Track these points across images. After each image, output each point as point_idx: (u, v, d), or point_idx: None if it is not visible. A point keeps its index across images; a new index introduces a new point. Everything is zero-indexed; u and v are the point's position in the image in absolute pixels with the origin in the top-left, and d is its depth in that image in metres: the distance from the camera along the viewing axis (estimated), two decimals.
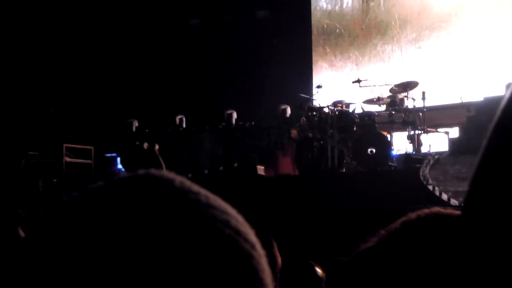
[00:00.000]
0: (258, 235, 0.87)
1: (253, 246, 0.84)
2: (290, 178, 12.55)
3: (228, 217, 0.84)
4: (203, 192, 0.86)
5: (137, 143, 3.08)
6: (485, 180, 0.88)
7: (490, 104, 12.10)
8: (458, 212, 1.21)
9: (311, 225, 10.19)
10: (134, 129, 15.01)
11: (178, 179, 0.86)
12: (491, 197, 0.85)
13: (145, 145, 3.06)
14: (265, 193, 11.52)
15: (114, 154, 14.14)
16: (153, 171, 0.86)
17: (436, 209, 1.26)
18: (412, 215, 1.25)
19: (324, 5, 17.99)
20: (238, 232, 0.83)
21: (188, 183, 0.86)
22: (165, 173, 0.87)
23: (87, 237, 0.78)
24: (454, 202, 10.32)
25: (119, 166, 13.62)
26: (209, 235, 0.80)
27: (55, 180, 13.13)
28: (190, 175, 13.50)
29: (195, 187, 0.86)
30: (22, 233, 3.57)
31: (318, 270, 4.10)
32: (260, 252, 0.85)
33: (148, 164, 2.88)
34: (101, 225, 0.78)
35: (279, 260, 3.40)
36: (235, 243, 0.82)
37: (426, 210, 1.26)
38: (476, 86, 14.57)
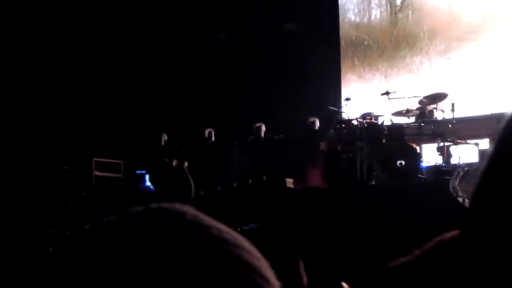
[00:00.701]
0: (283, 255, 0.85)
1: (267, 281, 0.82)
2: (319, 191, 12.52)
3: (241, 252, 0.82)
4: (216, 225, 0.84)
5: (166, 160, 3.07)
6: (486, 195, 0.88)
7: None
8: None
9: (340, 238, 10.14)
10: (163, 142, 15.04)
11: (191, 212, 0.85)
12: (490, 216, 0.85)
13: (174, 162, 3.05)
14: (294, 206, 11.48)
15: (143, 171, 14.14)
16: (165, 204, 0.85)
17: None
18: (448, 234, 1.23)
19: (352, 17, 17.96)
20: (251, 267, 0.81)
21: (200, 216, 0.85)
22: (178, 206, 0.85)
23: (97, 273, 0.77)
24: None
25: (148, 183, 13.59)
26: (222, 271, 0.78)
27: (84, 194, 13.19)
28: (219, 188, 13.51)
29: (208, 221, 0.84)
30: None
31: (345, 285, 4.06)
32: (274, 286, 0.83)
33: (176, 181, 2.88)
34: (111, 261, 0.78)
35: (305, 279, 3.37)
36: (248, 279, 0.80)
37: None
38: (506, 97, 14.47)
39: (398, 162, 11.91)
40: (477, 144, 13.22)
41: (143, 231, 0.80)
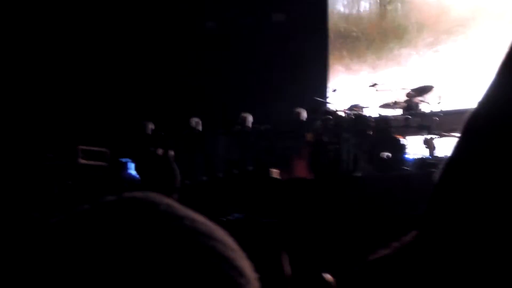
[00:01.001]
0: (266, 247, 0.84)
1: (241, 273, 0.80)
2: (305, 182, 12.53)
3: (214, 243, 0.80)
4: (189, 215, 0.82)
5: (152, 149, 3.05)
6: (445, 188, 0.88)
7: None
8: None
9: (325, 230, 10.15)
10: (149, 131, 15.01)
11: (164, 202, 0.82)
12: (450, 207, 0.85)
13: (160, 151, 3.03)
14: (280, 197, 11.49)
15: (128, 159, 14.10)
16: (138, 194, 0.83)
17: None
18: (420, 227, 1.22)
19: (342, 9, 17.95)
20: (224, 259, 0.79)
21: (174, 207, 0.83)
22: (151, 195, 0.83)
23: (65, 261, 0.76)
24: None
25: (132, 171, 13.53)
26: (192, 263, 0.77)
27: (69, 182, 13.16)
28: (204, 178, 13.51)
29: (182, 211, 0.82)
30: None
31: (328, 277, 4.06)
32: (249, 279, 0.81)
33: (161, 170, 2.87)
34: (81, 250, 0.76)
35: (288, 271, 3.36)
36: (220, 271, 0.78)
37: None
38: None
39: (384, 154, 11.94)
40: (457, 137, 13.24)
41: (115, 222, 0.79)
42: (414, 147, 13.04)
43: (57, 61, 16.50)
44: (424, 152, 12.75)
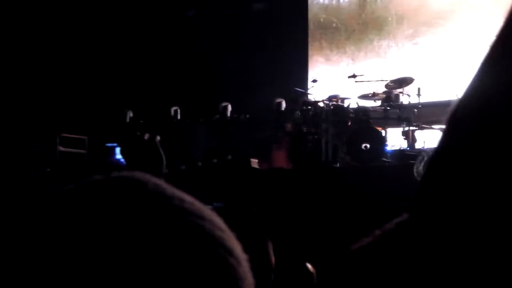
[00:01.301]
0: (251, 235, 0.84)
1: (230, 253, 0.80)
2: (284, 171, 12.54)
3: (204, 222, 0.80)
4: (178, 195, 0.82)
5: (138, 133, 3.04)
6: (432, 178, 0.90)
7: None
8: None
9: (304, 219, 10.17)
10: (128, 119, 14.96)
11: (152, 181, 0.82)
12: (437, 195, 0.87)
13: (146, 136, 3.03)
14: (259, 186, 11.50)
15: (114, 144, 14.03)
16: (126, 173, 0.83)
17: None
18: (407, 215, 1.23)
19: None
20: (213, 238, 0.79)
21: (162, 186, 0.82)
22: (139, 175, 0.83)
23: (53, 242, 0.75)
24: None
25: (119, 156, 13.49)
26: (182, 242, 0.76)
27: (48, 170, 13.09)
28: (183, 166, 13.48)
29: (170, 190, 0.82)
30: None
31: (309, 266, 4.08)
32: (239, 259, 0.81)
33: (148, 155, 2.86)
34: (68, 230, 0.75)
35: (273, 259, 3.37)
36: (210, 250, 0.78)
37: None
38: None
39: (363, 145, 11.97)
40: (442, 130, 13.29)
41: (102, 200, 0.78)
42: (393, 138, 13.10)
43: (40, 51, 16.39)
44: (403, 144, 12.81)
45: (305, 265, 4.08)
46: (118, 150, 13.64)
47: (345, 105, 13.01)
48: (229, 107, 14.54)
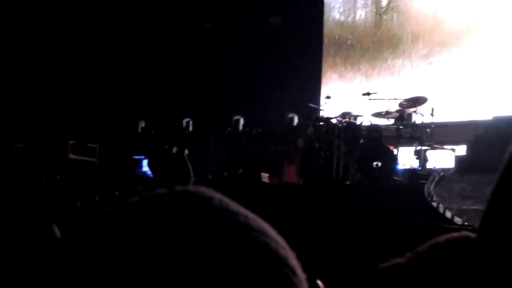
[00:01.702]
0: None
1: (293, 271, 0.79)
2: (294, 187, 12.52)
3: (268, 240, 0.79)
4: (242, 212, 0.81)
5: (166, 146, 3.02)
6: (503, 201, 0.87)
7: (498, 123, 12.07)
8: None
9: (314, 236, 10.14)
10: (140, 129, 14.97)
11: (217, 197, 0.81)
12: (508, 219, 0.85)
13: (174, 149, 3.01)
14: (268, 201, 11.47)
15: (142, 157, 13.98)
16: (191, 187, 0.81)
17: (465, 233, 1.22)
18: (441, 238, 1.21)
19: (337, 16, 17.97)
20: (277, 256, 0.78)
21: (227, 202, 0.81)
22: (204, 190, 0.82)
23: (119, 257, 0.74)
24: (458, 220, 10.24)
25: (145, 168, 13.40)
26: (248, 259, 0.75)
27: (58, 177, 13.12)
28: (194, 178, 13.46)
29: (234, 207, 0.81)
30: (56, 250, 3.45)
31: (319, 283, 4.05)
32: (300, 278, 0.80)
33: (176, 168, 2.85)
34: (135, 245, 0.75)
35: None
36: (275, 268, 0.77)
37: (455, 234, 1.22)
38: (485, 105, 14.52)
39: (375, 163, 11.94)
40: (453, 150, 13.26)
41: (168, 215, 0.77)
42: (405, 157, 13.06)
43: (52, 58, 16.45)
44: (415, 163, 12.76)
45: (316, 282, 4.06)
46: (145, 162, 13.57)
47: (358, 122, 12.98)
48: (242, 121, 14.54)
